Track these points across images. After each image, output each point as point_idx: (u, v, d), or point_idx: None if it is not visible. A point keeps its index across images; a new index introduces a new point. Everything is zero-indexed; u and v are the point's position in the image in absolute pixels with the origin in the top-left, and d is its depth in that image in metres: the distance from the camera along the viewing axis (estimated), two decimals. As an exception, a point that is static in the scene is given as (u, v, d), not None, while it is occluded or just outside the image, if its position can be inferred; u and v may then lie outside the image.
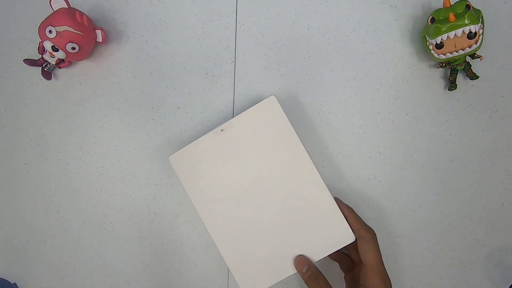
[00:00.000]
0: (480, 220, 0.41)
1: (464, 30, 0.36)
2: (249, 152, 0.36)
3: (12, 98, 0.42)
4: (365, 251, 0.31)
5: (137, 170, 0.41)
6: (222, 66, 0.42)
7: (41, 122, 0.42)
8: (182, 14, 0.43)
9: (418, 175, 0.41)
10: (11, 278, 0.41)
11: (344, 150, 0.41)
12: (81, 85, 0.42)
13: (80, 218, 0.41)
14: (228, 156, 0.36)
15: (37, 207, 0.41)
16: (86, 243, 0.41)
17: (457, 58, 0.38)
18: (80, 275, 0.41)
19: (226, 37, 0.42)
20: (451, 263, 0.40)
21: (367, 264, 0.31)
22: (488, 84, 0.41)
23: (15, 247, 0.41)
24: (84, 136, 0.42)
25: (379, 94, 0.42)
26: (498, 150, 0.41)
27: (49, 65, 0.40)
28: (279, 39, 0.42)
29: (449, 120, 0.41)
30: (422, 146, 0.41)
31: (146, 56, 0.42)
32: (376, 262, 0.31)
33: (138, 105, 0.42)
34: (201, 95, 0.42)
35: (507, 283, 0.40)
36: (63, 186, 0.41)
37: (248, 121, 0.36)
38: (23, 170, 0.41)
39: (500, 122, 0.41)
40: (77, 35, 0.37)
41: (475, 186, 0.41)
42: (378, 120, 0.41)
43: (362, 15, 0.42)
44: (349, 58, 0.42)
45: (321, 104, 0.41)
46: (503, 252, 0.40)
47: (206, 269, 0.41)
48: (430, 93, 0.42)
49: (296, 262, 0.34)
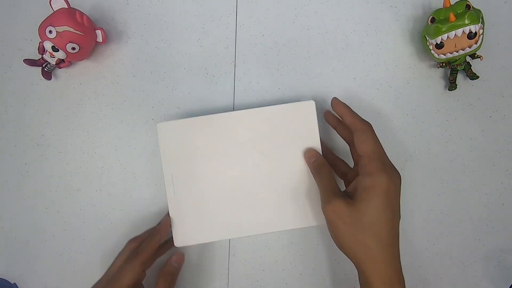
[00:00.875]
0: (480, 220, 0.41)
1: (464, 30, 0.36)
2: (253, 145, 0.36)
3: (12, 98, 0.42)
4: (361, 142, 0.29)
5: (137, 170, 0.41)
6: (222, 66, 0.42)
7: (41, 122, 0.42)
8: (182, 14, 0.43)
9: (418, 175, 0.41)
10: (11, 278, 0.41)
11: (344, 150, 0.41)
12: (81, 85, 0.42)
13: (80, 218, 0.41)
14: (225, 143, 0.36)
15: (37, 207, 0.41)
16: (86, 243, 0.41)
17: (457, 58, 0.38)
18: (80, 275, 0.41)
19: (226, 37, 0.42)
20: (451, 263, 0.40)
21: (364, 154, 0.28)
22: (488, 84, 0.41)
23: (15, 247, 0.41)
24: (84, 136, 0.42)
25: (379, 94, 0.42)
26: (498, 150, 0.41)
27: (49, 65, 0.40)
28: (279, 39, 0.42)
29: (449, 120, 0.41)
30: (422, 146, 0.41)
31: (146, 56, 0.42)
32: (373, 151, 0.28)
33: (138, 105, 0.42)
34: (201, 95, 0.42)
35: (507, 283, 0.40)
36: (63, 186, 0.41)
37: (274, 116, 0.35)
38: (23, 170, 0.41)
39: (500, 122, 0.41)
40: (77, 35, 0.37)
41: (475, 186, 0.41)
42: (378, 120, 0.41)
43: (362, 15, 0.42)
44: (349, 58, 0.42)
45: (321, 104, 0.41)
46: (503, 252, 0.40)
47: (206, 269, 0.41)
48: (430, 93, 0.42)
49: (306, 154, 0.35)
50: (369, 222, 0.26)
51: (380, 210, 0.26)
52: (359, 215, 0.27)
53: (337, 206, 0.28)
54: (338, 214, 0.28)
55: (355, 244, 0.27)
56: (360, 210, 0.27)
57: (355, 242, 0.27)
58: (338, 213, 0.28)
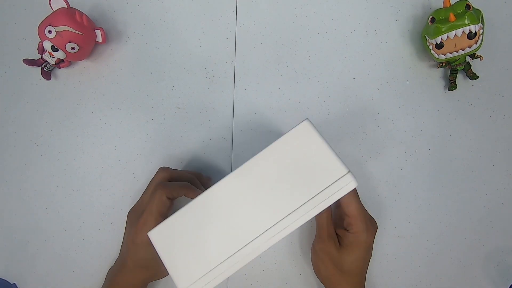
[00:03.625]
0: (480, 220, 0.41)
1: (464, 30, 0.36)
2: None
3: (12, 98, 0.42)
4: (347, 204, 0.32)
5: (137, 170, 0.41)
6: (222, 66, 0.42)
7: (41, 122, 0.42)
8: (182, 14, 0.43)
9: (418, 175, 0.41)
10: (11, 278, 0.41)
11: (344, 150, 0.41)
12: (81, 85, 0.42)
13: (80, 218, 0.41)
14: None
15: (37, 207, 0.41)
16: (86, 243, 0.41)
17: (457, 58, 0.38)
18: (80, 276, 0.41)
19: (226, 37, 0.42)
20: (451, 263, 0.40)
21: (350, 214, 0.32)
22: (488, 84, 0.41)
23: (15, 247, 0.41)
24: (84, 136, 0.42)
25: (379, 94, 0.42)
26: (498, 150, 0.41)
27: (48, 65, 0.40)
28: (279, 39, 0.42)
29: (449, 120, 0.41)
30: (422, 146, 0.41)
31: (146, 56, 0.42)
32: (358, 212, 0.32)
33: (138, 105, 0.42)
34: (201, 95, 0.42)
35: (507, 283, 0.40)
36: (63, 186, 0.41)
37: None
38: (23, 170, 0.41)
39: (500, 122, 0.41)
40: (76, 35, 0.36)
41: (475, 186, 0.41)
42: (378, 120, 0.41)
43: (362, 15, 0.42)
44: (349, 58, 0.42)
45: (321, 104, 0.41)
46: (503, 252, 0.40)
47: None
48: (430, 93, 0.41)
49: None
50: (349, 268, 0.33)
51: (359, 260, 0.33)
52: (342, 261, 0.33)
53: (328, 247, 0.34)
54: (327, 254, 0.34)
55: (332, 279, 0.34)
56: (343, 258, 0.33)
57: (333, 278, 0.34)
58: (327, 252, 0.34)
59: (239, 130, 0.41)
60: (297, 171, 0.27)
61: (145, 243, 0.32)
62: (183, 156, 0.41)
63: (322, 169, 0.27)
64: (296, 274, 0.40)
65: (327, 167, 0.27)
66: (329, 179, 0.26)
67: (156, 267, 0.34)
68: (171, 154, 0.41)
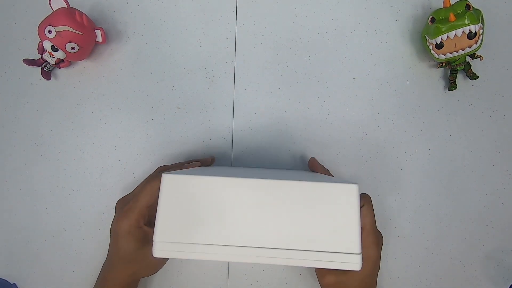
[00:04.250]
0: (480, 220, 0.41)
1: (464, 30, 0.36)
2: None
3: (12, 98, 0.42)
4: (364, 216, 0.32)
5: (137, 170, 0.41)
6: (222, 66, 0.42)
7: (41, 122, 0.42)
8: (182, 14, 0.43)
9: (418, 175, 0.41)
10: (11, 278, 0.41)
11: (344, 150, 0.41)
12: (80, 85, 0.42)
13: (80, 218, 0.41)
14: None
15: (37, 207, 0.41)
16: (86, 243, 0.41)
17: (457, 58, 0.38)
18: (80, 276, 0.41)
19: (226, 37, 0.42)
20: (451, 263, 0.40)
21: (364, 227, 0.31)
22: (488, 84, 0.41)
23: (15, 247, 0.41)
24: (83, 136, 0.42)
25: (379, 94, 0.42)
26: (498, 150, 0.41)
27: (48, 65, 0.40)
28: (279, 39, 0.42)
29: (449, 120, 0.41)
30: (422, 146, 0.41)
31: (146, 56, 0.42)
32: (371, 226, 0.32)
33: (138, 105, 0.42)
34: (201, 95, 0.42)
35: (507, 283, 0.40)
36: (63, 186, 0.41)
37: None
38: (22, 170, 0.41)
39: (500, 122, 0.41)
40: (76, 35, 0.36)
41: (475, 186, 0.41)
42: (378, 120, 0.41)
43: (362, 15, 0.42)
44: (349, 58, 0.42)
45: (321, 104, 0.41)
46: (503, 252, 0.40)
47: (206, 269, 0.41)
48: (430, 93, 0.41)
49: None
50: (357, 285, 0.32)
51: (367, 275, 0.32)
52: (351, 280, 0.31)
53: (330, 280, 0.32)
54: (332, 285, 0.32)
55: None
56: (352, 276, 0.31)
57: None
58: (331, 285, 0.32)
59: (239, 130, 0.41)
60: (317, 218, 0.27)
61: (126, 232, 0.31)
62: (183, 156, 0.41)
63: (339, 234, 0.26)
64: (296, 274, 0.40)
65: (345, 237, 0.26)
66: (339, 247, 0.26)
67: (141, 261, 0.32)
68: (171, 154, 0.41)
